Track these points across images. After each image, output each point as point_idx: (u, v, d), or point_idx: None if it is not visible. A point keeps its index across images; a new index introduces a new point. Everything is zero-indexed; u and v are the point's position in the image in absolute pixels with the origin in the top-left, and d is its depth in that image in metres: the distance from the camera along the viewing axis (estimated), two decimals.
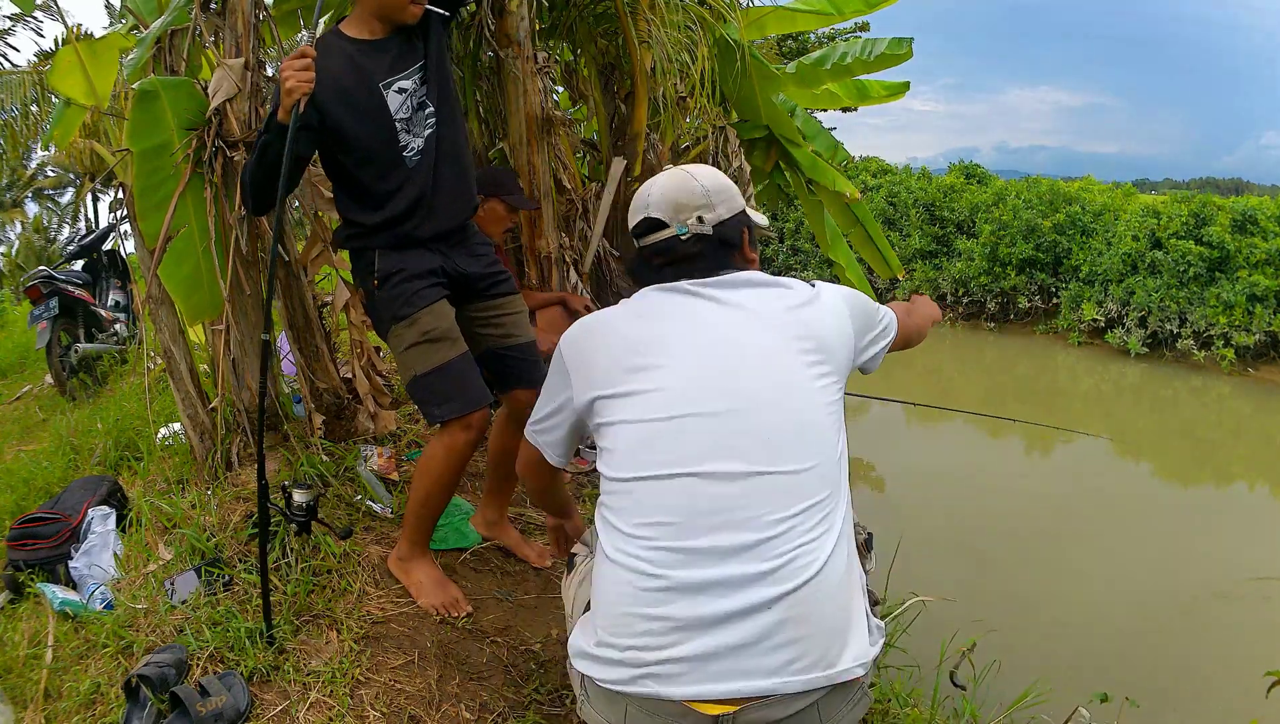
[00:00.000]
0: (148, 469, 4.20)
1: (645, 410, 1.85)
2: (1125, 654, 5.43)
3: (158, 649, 2.65)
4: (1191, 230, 15.33)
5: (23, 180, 32.90)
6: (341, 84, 2.78)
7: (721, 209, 2.03)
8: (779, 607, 1.70)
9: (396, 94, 2.85)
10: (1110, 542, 7.46)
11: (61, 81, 3.68)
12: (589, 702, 1.89)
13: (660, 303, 1.98)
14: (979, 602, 5.41)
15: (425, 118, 2.92)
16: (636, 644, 1.76)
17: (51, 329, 7.29)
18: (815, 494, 1.78)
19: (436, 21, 2.94)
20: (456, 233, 3.07)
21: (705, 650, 1.71)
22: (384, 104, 2.83)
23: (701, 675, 1.70)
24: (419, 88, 2.90)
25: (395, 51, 2.87)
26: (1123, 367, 15.58)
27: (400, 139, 2.87)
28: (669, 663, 1.72)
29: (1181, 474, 10.42)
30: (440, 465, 2.92)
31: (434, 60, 2.93)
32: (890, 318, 2.24)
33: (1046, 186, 18.63)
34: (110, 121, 4.19)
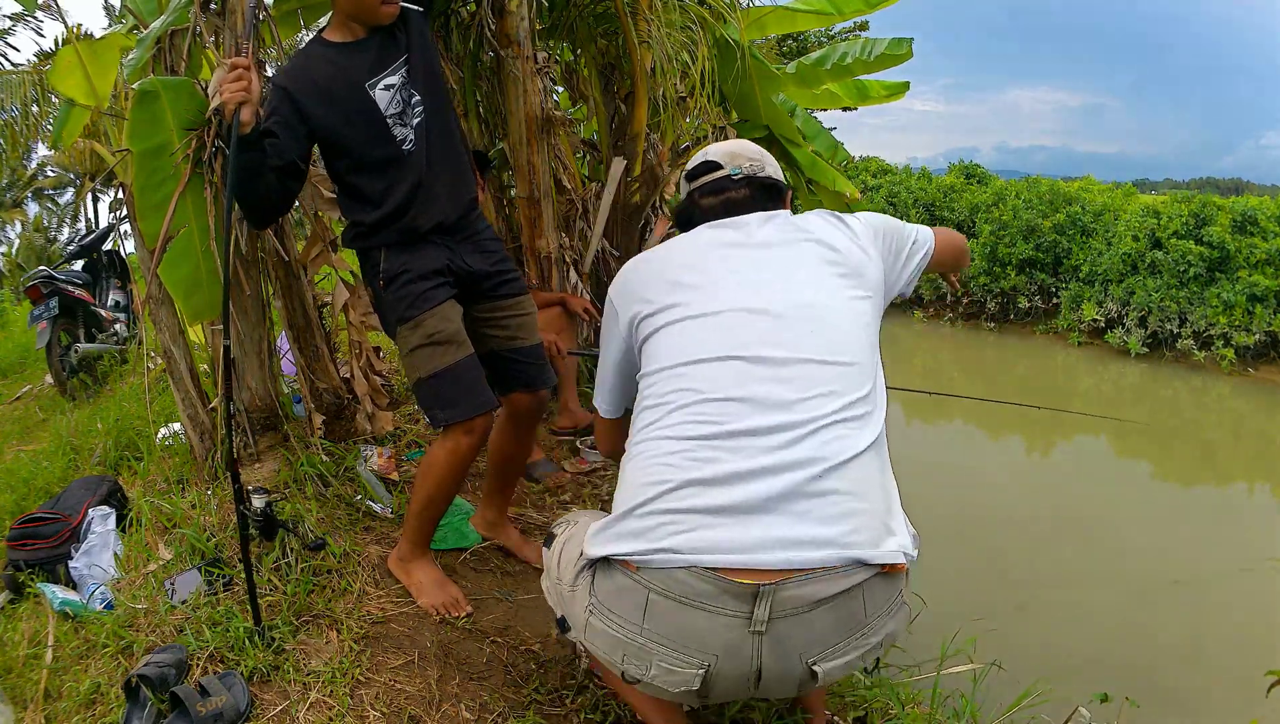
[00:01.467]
0: (148, 469, 4.20)
1: (690, 312, 1.92)
2: (1125, 654, 5.43)
3: (158, 649, 2.65)
4: (1191, 230, 15.34)
5: (23, 180, 32.89)
6: (327, 89, 2.81)
7: (770, 170, 2.25)
8: (830, 477, 1.68)
9: (384, 90, 2.86)
10: (1110, 541, 7.47)
11: (62, 81, 3.67)
12: (599, 611, 1.82)
13: (705, 234, 2.10)
14: (980, 600, 5.41)
15: (413, 107, 2.91)
16: (675, 507, 1.70)
17: (51, 329, 7.29)
18: (859, 388, 1.82)
19: (415, 14, 2.98)
20: (460, 225, 3.05)
21: (752, 500, 1.66)
22: (373, 103, 2.84)
23: (745, 541, 1.63)
24: (404, 81, 2.90)
25: (376, 50, 2.87)
26: (1123, 366, 15.59)
27: (395, 133, 2.89)
28: (710, 518, 1.66)
29: (1182, 474, 10.42)
30: (442, 469, 2.91)
31: (416, 51, 2.93)
32: (923, 233, 2.30)
33: (1046, 187, 18.64)
34: (110, 121, 4.19)
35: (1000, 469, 9.95)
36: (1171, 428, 12.28)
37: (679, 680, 1.71)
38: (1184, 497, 9.57)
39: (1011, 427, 11.31)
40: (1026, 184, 19.24)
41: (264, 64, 3.47)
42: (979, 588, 6.01)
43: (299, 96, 2.76)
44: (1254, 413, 13.31)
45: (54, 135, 4.04)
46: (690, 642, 1.67)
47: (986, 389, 14.21)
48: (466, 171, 3.14)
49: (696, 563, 1.62)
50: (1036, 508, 8.33)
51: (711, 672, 1.68)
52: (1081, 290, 16.88)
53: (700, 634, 1.66)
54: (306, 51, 2.92)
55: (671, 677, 1.71)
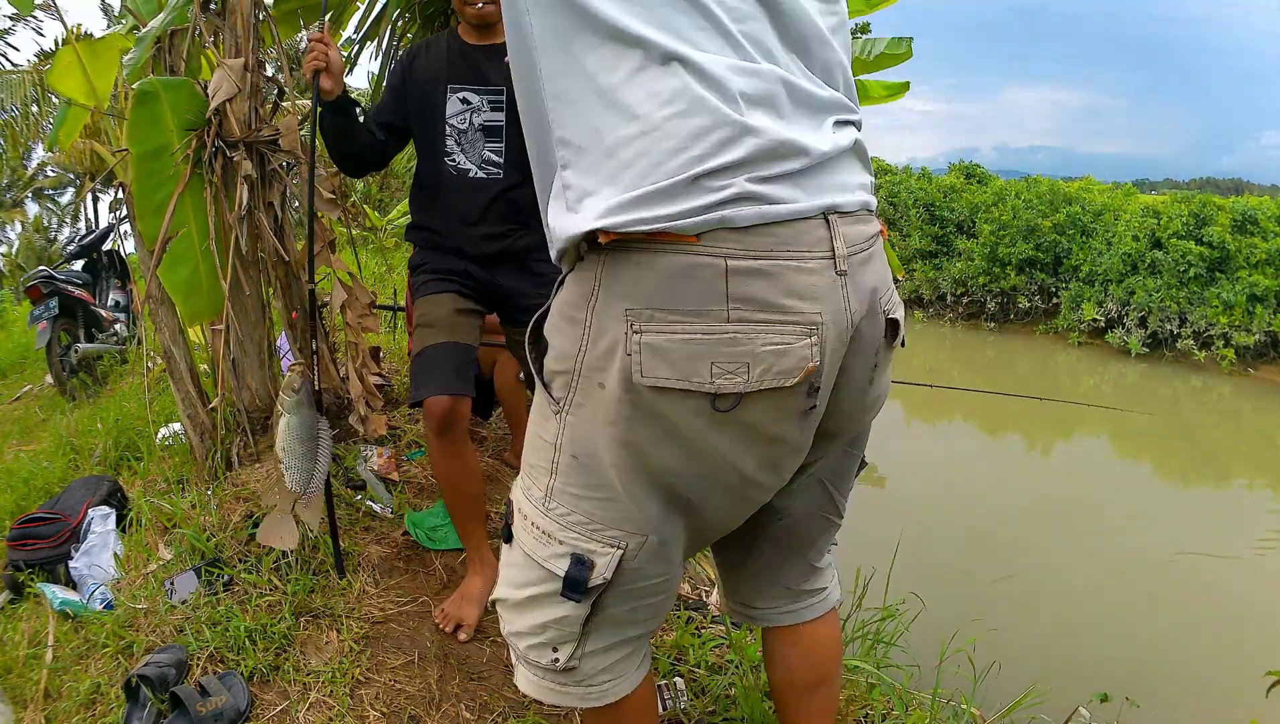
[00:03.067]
0: (148, 469, 4.20)
1: None
2: (1125, 653, 5.44)
3: (158, 649, 2.65)
4: (1192, 230, 15.38)
5: (23, 180, 32.90)
6: (420, 78, 2.88)
7: None
8: (852, 128, 1.46)
9: (459, 101, 2.83)
10: (1111, 541, 7.47)
11: (61, 81, 3.67)
12: (652, 324, 1.29)
13: None
14: (979, 600, 5.42)
15: (487, 142, 2.84)
16: (705, 150, 1.25)
17: (51, 329, 7.29)
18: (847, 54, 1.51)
19: None
20: (500, 258, 2.92)
21: (801, 140, 1.32)
22: (441, 105, 2.84)
23: (800, 177, 1.32)
24: (488, 110, 2.83)
25: (482, 62, 2.84)
26: (1123, 366, 15.62)
27: (446, 145, 2.85)
28: (761, 160, 1.28)
29: (1183, 473, 10.42)
30: (435, 459, 2.87)
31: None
32: None
33: (1046, 187, 18.70)
34: (110, 122, 4.18)
35: (1000, 467, 9.96)
36: (1172, 425, 12.28)
37: (793, 362, 1.31)
38: (1185, 496, 9.59)
39: (1011, 425, 11.32)
40: (1026, 184, 19.30)
41: (263, 64, 3.47)
42: (978, 587, 6.01)
43: (410, 65, 2.92)
44: (1255, 413, 13.31)
45: (51, 137, 4.04)
46: (788, 301, 1.30)
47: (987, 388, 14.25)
48: (533, 229, 2.91)
49: (767, 214, 1.29)
50: (1036, 507, 8.34)
51: (823, 335, 1.33)
52: (1081, 290, 16.91)
53: (797, 289, 1.31)
54: (433, 39, 3.00)
55: (784, 359, 1.31)
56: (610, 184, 1.29)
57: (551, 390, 1.42)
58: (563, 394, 1.40)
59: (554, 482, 1.44)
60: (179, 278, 3.31)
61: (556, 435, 1.42)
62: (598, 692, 1.57)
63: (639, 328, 1.28)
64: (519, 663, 1.60)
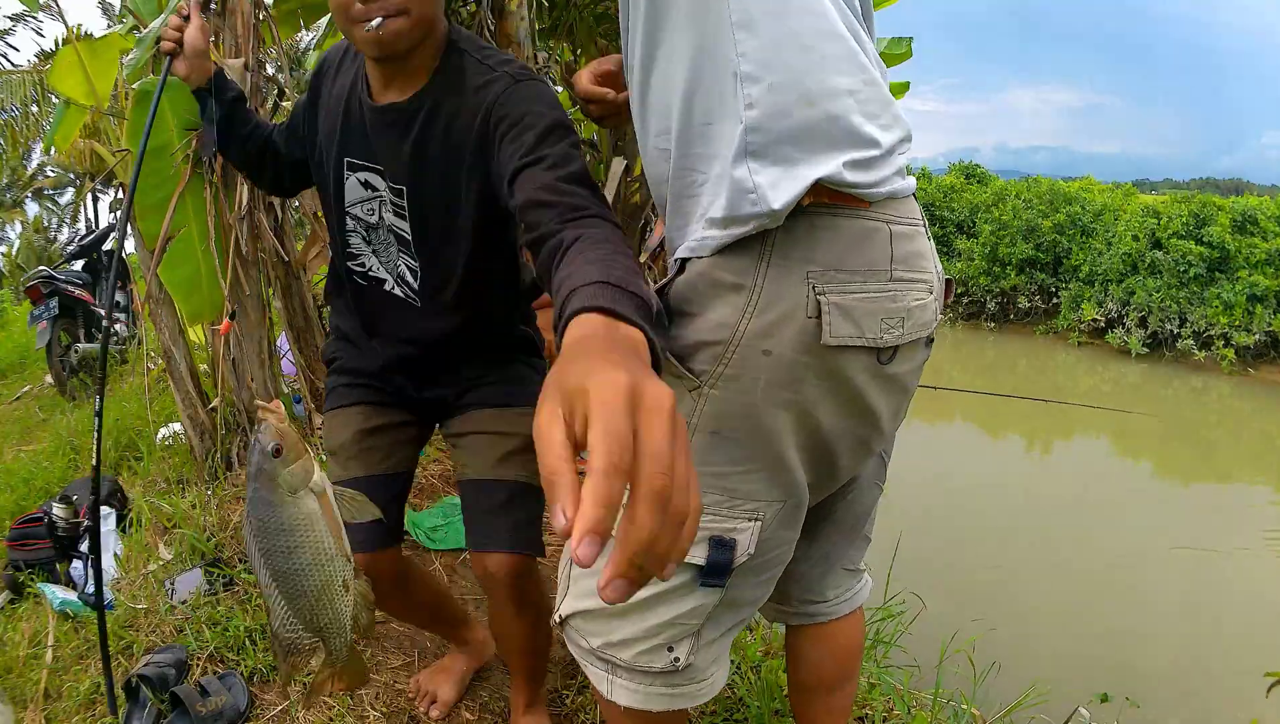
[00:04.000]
0: (148, 469, 4.20)
1: None
2: (1126, 653, 5.43)
3: (158, 649, 2.66)
4: (1192, 230, 15.39)
5: (23, 180, 32.89)
6: (321, 119, 1.97)
7: None
8: None
9: (359, 184, 1.91)
10: (1111, 541, 7.47)
11: (61, 82, 3.67)
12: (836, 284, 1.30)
13: None
14: (979, 600, 5.41)
15: (400, 251, 1.94)
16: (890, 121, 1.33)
17: (51, 329, 7.30)
18: None
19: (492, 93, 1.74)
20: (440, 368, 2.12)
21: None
22: (339, 181, 1.93)
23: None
24: (392, 199, 1.88)
25: (385, 133, 1.82)
26: (1123, 366, 15.61)
27: (350, 241, 2.00)
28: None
29: (1183, 473, 10.42)
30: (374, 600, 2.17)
31: (436, 149, 1.80)
32: None
33: (1046, 186, 18.70)
34: (110, 121, 4.18)
35: (1000, 467, 9.96)
36: (1172, 425, 12.28)
37: (930, 316, 1.43)
38: (1185, 496, 9.58)
39: (1011, 426, 11.32)
40: (1026, 184, 19.30)
41: (263, 64, 3.46)
42: (978, 587, 6.01)
43: (318, 86, 2.00)
44: (1255, 412, 13.31)
45: (48, 138, 4.04)
46: (923, 262, 1.42)
47: (987, 388, 14.25)
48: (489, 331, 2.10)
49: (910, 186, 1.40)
50: (1036, 507, 8.34)
51: (936, 292, 1.46)
52: (1082, 290, 16.92)
53: (924, 252, 1.44)
54: (347, 52, 1.97)
55: (924, 312, 1.41)
56: (816, 139, 1.28)
57: (691, 365, 1.36)
58: (708, 367, 1.34)
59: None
60: (179, 277, 3.31)
61: (689, 415, 1.36)
62: (708, 685, 1.52)
63: (822, 290, 1.30)
64: (618, 676, 1.48)
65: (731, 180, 1.28)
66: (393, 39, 1.65)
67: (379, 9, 1.62)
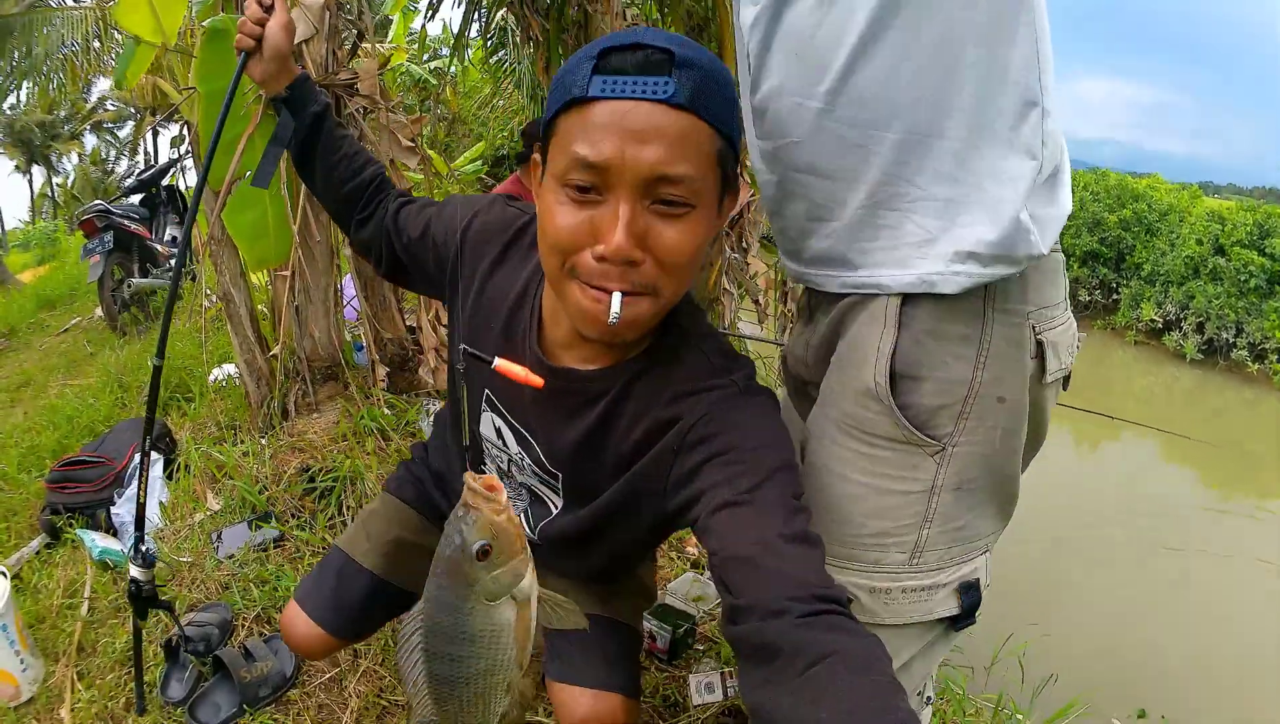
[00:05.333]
0: (199, 412, 4.14)
1: None
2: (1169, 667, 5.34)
3: (201, 607, 2.57)
4: (1255, 240, 15.17)
5: (82, 113, 33.19)
6: (466, 284, 1.53)
7: None
8: None
9: (491, 426, 1.57)
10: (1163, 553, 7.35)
11: (127, 18, 3.57)
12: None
13: None
14: (1031, 603, 5.29)
15: (529, 501, 1.61)
16: None
17: (105, 263, 7.27)
18: None
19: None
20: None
21: None
22: (475, 410, 1.58)
23: None
24: (540, 473, 1.53)
25: (564, 393, 1.38)
26: (1177, 371, 15.42)
27: (483, 458, 1.65)
28: None
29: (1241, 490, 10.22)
30: None
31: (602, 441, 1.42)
32: None
33: (1115, 181, 18.47)
34: (176, 58, 4.10)
35: (1050, 468, 9.82)
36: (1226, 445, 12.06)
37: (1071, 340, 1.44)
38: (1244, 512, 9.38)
39: (1062, 421, 11.17)
40: (1095, 176, 19.04)
41: (342, 4, 3.34)
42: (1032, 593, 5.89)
43: (466, 236, 1.53)
44: None
45: (118, 74, 3.94)
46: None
47: None
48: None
49: None
50: (1084, 514, 8.19)
51: None
52: (1142, 289, 16.72)
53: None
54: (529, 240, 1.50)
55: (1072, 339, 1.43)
56: (1061, 180, 1.31)
57: (931, 431, 1.28)
58: (948, 427, 1.28)
59: (927, 532, 1.32)
60: (245, 221, 3.20)
61: (933, 479, 1.29)
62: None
63: (1040, 329, 1.29)
64: None
65: (1013, 218, 1.19)
66: (624, 328, 1.20)
67: (621, 280, 1.16)
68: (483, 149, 12.14)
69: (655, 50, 1.11)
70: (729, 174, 1.20)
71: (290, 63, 1.72)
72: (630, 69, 1.10)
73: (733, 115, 1.16)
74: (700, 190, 1.14)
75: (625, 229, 1.11)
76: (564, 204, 1.16)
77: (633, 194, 1.11)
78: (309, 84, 1.74)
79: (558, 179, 1.16)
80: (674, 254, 1.15)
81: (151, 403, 2.02)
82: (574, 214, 1.15)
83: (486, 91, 9.74)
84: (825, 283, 1.37)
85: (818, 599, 1.03)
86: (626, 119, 1.09)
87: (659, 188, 1.12)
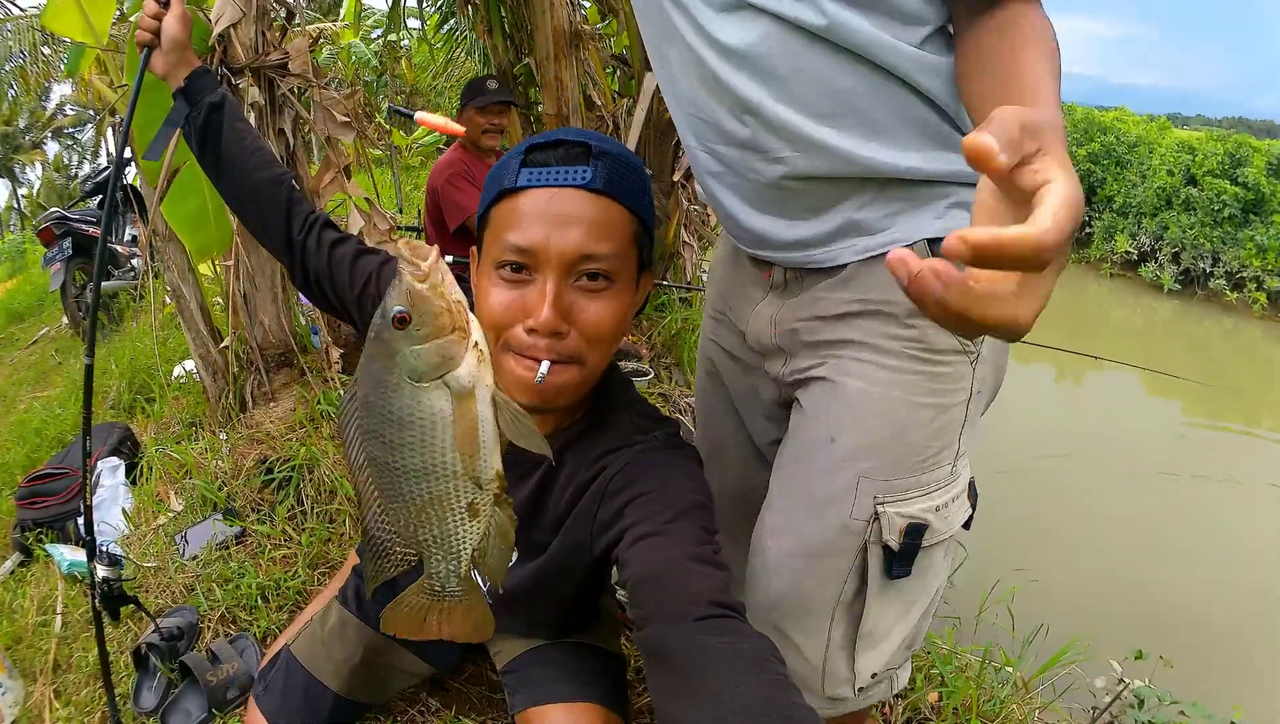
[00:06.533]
0: (161, 411, 4.10)
1: None
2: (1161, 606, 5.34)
3: (167, 613, 2.53)
4: (1227, 170, 15.25)
5: (42, 121, 32.90)
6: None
7: None
8: None
9: None
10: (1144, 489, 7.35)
11: (56, 21, 3.50)
12: None
13: None
14: (1017, 548, 5.27)
15: None
16: None
17: (66, 270, 7.20)
18: None
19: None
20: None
21: None
22: None
23: None
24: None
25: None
26: (1154, 302, 15.49)
27: None
28: None
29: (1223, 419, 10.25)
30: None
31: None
32: None
33: (1082, 115, 18.53)
34: (112, 58, 4.02)
35: (1031, 405, 9.80)
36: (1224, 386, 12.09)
37: None
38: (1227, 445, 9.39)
39: (1041, 357, 11.20)
40: (1062, 110, 19.14)
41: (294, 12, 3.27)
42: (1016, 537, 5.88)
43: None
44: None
45: (68, 66, 3.87)
46: None
47: None
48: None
49: None
50: (1071, 450, 8.18)
51: None
52: (1115, 221, 16.80)
53: None
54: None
55: None
56: None
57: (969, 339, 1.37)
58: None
59: (961, 439, 1.42)
60: (185, 212, 3.15)
61: (970, 385, 1.40)
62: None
63: None
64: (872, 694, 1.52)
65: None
66: (554, 394, 1.31)
67: (549, 350, 1.27)
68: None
69: (574, 144, 1.27)
70: (644, 255, 1.35)
71: (190, 55, 1.74)
72: (553, 161, 1.26)
73: (645, 199, 1.32)
74: (619, 268, 1.29)
75: (552, 305, 1.24)
76: (498, 285, 1.29)
77: (558, 272, 1.25)
78: (208, 76, 1.74)
79: (493, 264, 1.29)
80: (596, 326, 1.28)
81: (87, 401, 1.97)
82: (507, 293, 1.28)
83: (439, 61, 9.71)
84: (837, 256, 1.39)
85: (714, 605, 1.12)
86: (551, 205, 1.25)
87: (582, 265, 1.26)
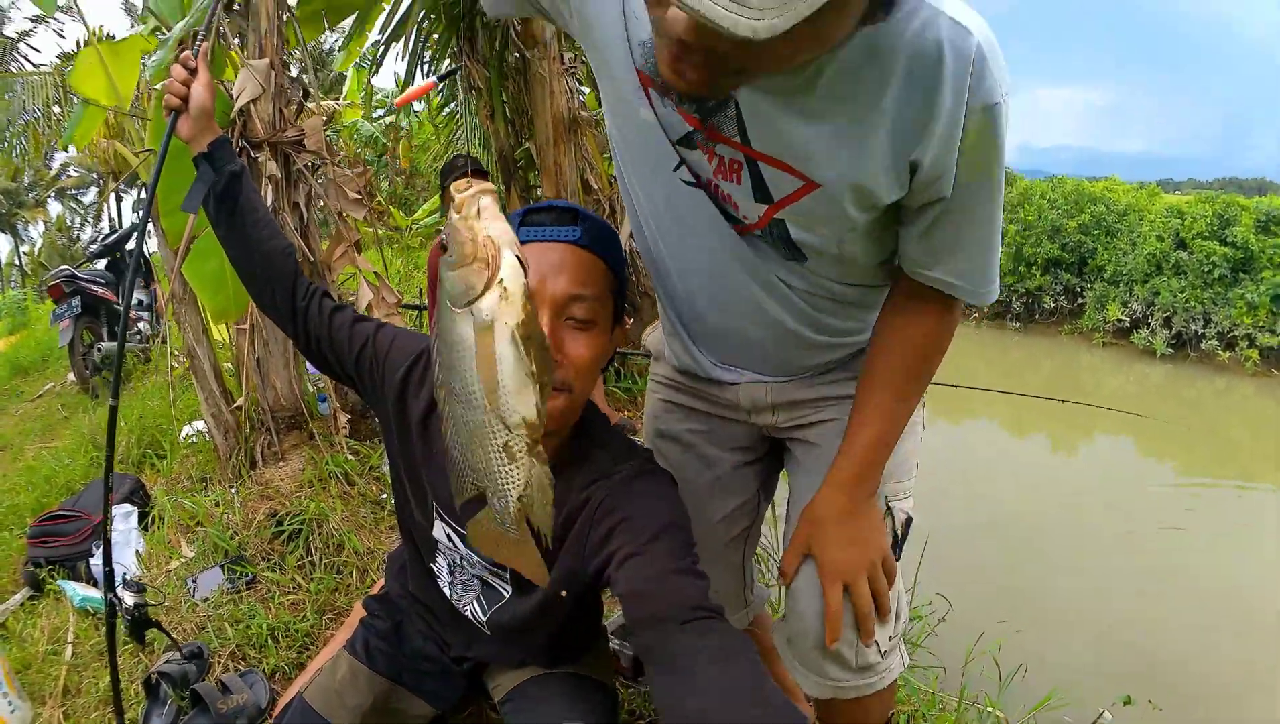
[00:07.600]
0: (171, 467, 4.22)
1: None
2: (1150, 657, 5.38)
3: (183, 645, 2.65)
4: (1216, 231, 15.31)
5: (46, 180, 33.15)
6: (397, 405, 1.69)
7: None
8: None
9: (443, 531, 1.73)
10: (1136, 543, 7.41)
11: (83, 83, 3.67)
12: None
13: None
14: (1005, 601, 5.36)
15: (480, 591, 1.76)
16: None
17: (74, 327, 7.35)
18: None
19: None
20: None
21: None
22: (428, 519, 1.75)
23: None
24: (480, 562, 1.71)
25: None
26: (1147, 367, 15.53)
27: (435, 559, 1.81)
28: None
29: (1206, 473, 10.32)
30: None
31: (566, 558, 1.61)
32: None
33: (1071, 186, 18.60)
34: (134, 123, 4.18)
35: (1025, 468, 9.89)
36: (1198, 427, 12.17)
37: None
38: (1208, 498, 9.47)
39: (1036, 425, 11.26)
40: (1051, 184, 19.21)
41: (287, 64, 3.45)
42: (1004, 589, 5.96)
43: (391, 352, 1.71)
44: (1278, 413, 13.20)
45: (67, 136, 4.03)
46: None
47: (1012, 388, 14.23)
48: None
49: None
50: (1061, 507, 8.27)
51: None
52: (1106, 290, 16.85)
53: None
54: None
55: None
56: None
57: None
58: None
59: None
60: (205, 272, 3.30)
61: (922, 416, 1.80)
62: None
63: None
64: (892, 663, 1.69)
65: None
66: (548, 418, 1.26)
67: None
68: (438, 202, 12.29)
69: (564, 210, 1.51)
70: (619, 309, 1.58)
71: (213, 123, 1.86)
72: (547, 221, 1.50)
73: (622, 259, 1.57)
74: (600, 313, 1.49)
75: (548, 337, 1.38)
76: None
77: (551, 312, 1.45)
78: (229, 145, 1.86)
79: None
80: (582, 359, 1.47)
81: (110, 438, 2.12)
82: None
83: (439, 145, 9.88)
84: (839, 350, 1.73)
85: (697, 609, 1.31)
86: (546, 255, 1.46)
87: (570, 306, 1.46)
